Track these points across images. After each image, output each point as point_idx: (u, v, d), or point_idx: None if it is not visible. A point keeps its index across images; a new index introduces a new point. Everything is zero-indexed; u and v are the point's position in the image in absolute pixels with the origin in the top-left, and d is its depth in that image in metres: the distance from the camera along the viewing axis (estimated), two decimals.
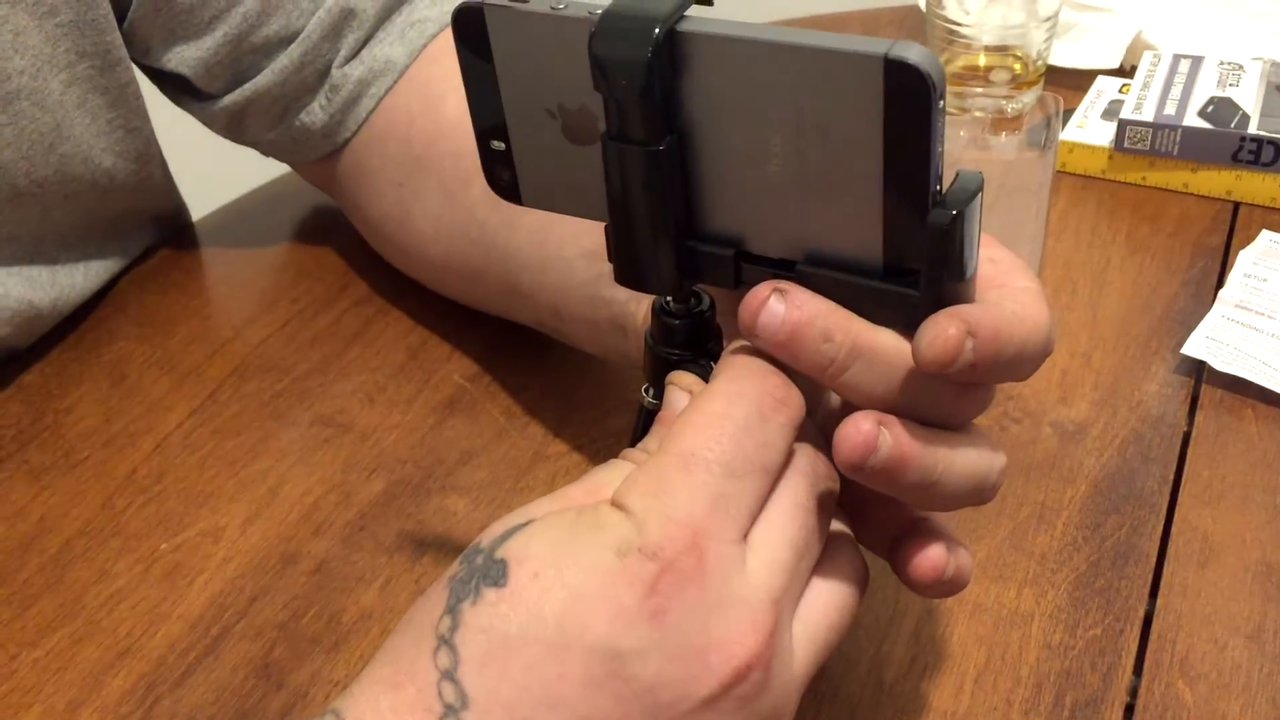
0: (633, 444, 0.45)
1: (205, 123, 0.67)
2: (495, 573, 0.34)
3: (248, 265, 0.71)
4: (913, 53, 0.32)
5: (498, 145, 0.40)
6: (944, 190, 0.34)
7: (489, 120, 0.40)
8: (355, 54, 0.64)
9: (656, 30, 0.34)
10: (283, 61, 0.62)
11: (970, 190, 0.34)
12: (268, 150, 0.68)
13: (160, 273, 0.71)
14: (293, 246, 0.72)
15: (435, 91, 0.63)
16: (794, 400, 0.37)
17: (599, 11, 0.35)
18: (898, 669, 0.49)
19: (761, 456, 0.36)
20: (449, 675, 0.34)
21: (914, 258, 0.35)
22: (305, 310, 0.68)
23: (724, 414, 0.36)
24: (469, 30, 0.38)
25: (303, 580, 0.53)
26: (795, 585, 0.37)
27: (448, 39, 0.64)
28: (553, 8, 0.36)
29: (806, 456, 0.38)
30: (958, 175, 0.35)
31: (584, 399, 0.61)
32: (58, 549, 0.55)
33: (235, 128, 0.66)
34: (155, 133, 0.67)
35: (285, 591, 0.52)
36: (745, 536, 0.36)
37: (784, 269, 0.37)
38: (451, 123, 0.62)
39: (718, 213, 0.38)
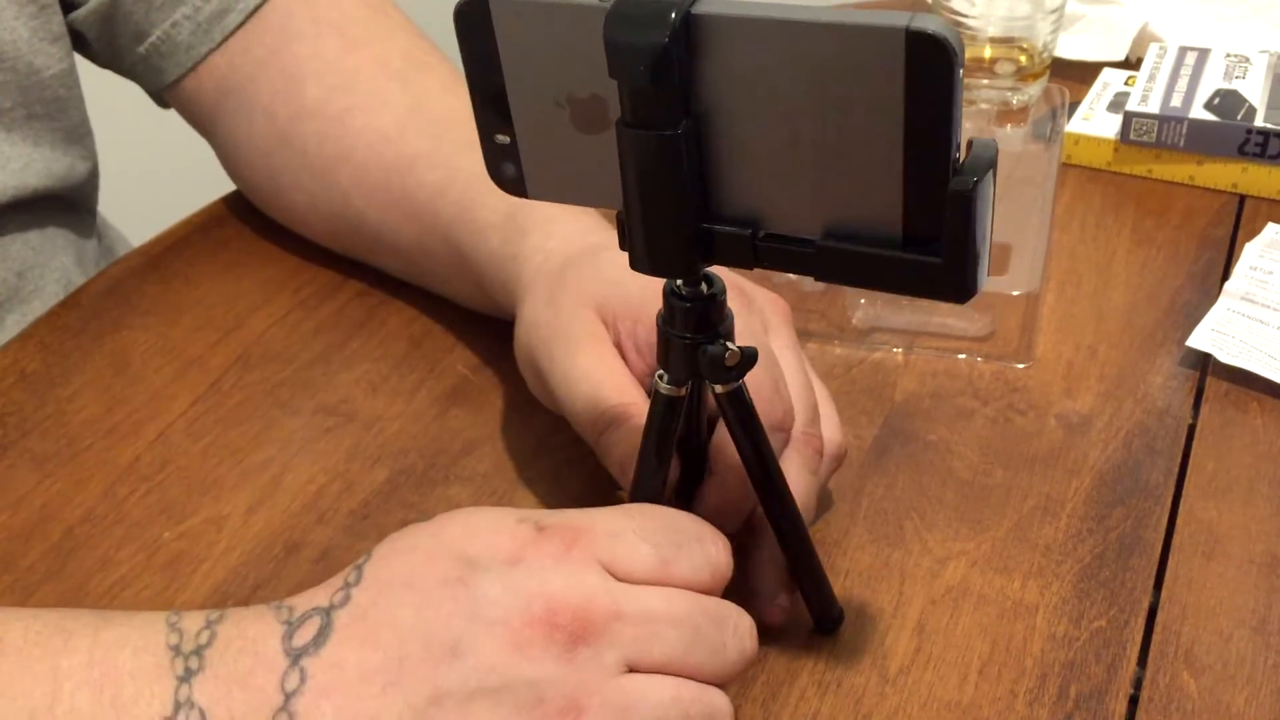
0: (648, 430, 0.45)
1: (81, 48, 0.69)
2: (421, 522, 0.42)
3: (251, 254, 0.71)
4: (932, 24, 0.32)
5: (502, 139, 0.40)
6: (962, 159, 0.34)
7: (493, 114, 0.39)
8: None
9: (673, 14, 0.34)
10: None
11: (988, 158, 0.35)
12: (137, 71, 0.69)
13: (163, 262, 0.71)
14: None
15: (296, 71, 0.66)
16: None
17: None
18: (902, 660, 0.49)
19: (668, 557, 0.41)
20: (358, 567, 0.41)
21: (933, 226, 0.35)
22: (308, 299, 0.68)
23: (681, 514, 0.43)
24: (472, 24, 0.37)
25: (306, 569, 0.53)
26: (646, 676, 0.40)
27: None
28: None
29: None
30: (972, 143, 0.35)
31: None
32: (60, 536, 0.55)
33: (106, 39, 0.68)
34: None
35: (288, 580, 0.52)
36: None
37: (803, 246, 0.37)
38: (311, 109, 0.65)
39: (734, 193, 0.38)
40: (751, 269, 0.38)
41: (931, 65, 0.32)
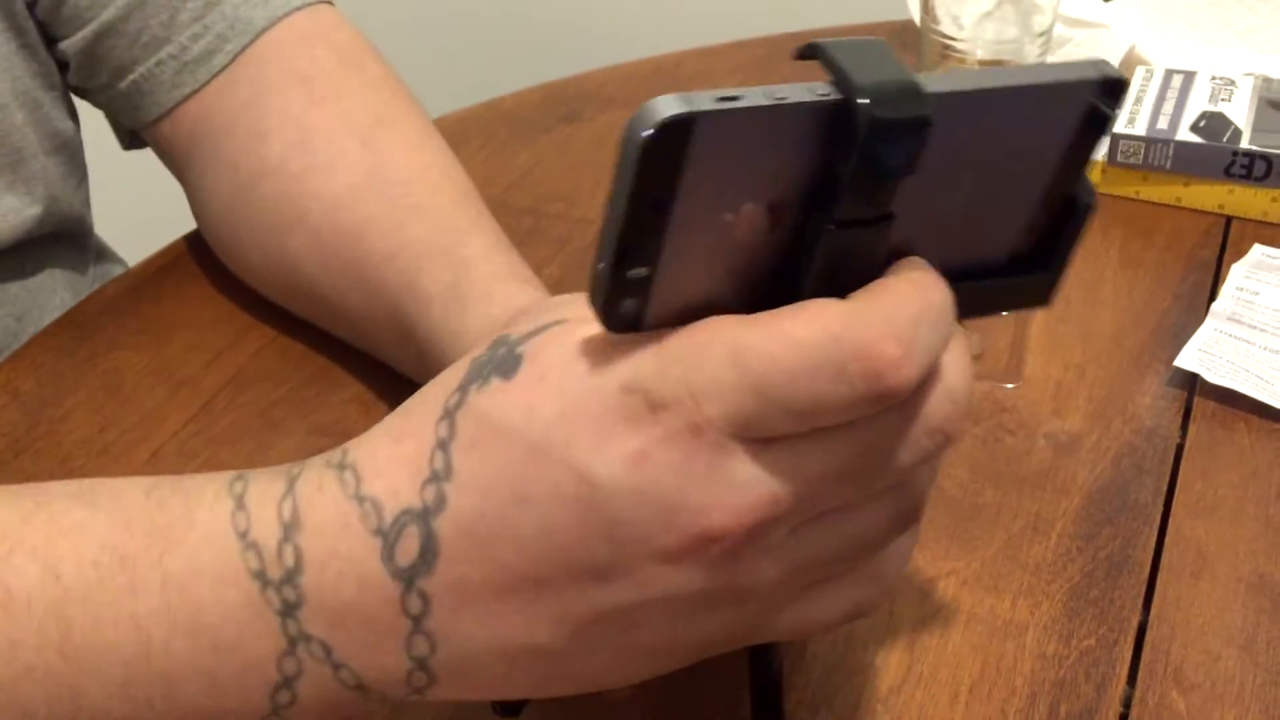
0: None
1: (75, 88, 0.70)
2: (508, 366, 0.35)
3: None
4: (1111, 68, 0.33)
5: (637, 272, 0.32)
6: None
7: (640, 246, 0.32)
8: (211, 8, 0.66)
9: (926, 91, 0.31)
10: None
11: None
12: (115, 106, 0.70)
13: (156, 282, 0.71)
14: None
15: (262, 126, 0.64)
16: (898, 384, 0.32)
17: (828, 93, 0.31)
18: (893, 679, 0.49)
19: (807, 412, 0.32)
20: (443, 445, 0.35)
21: (1044, 242, 0.36)
22: (302, 320, 0.68)
23: (806, 344, 0.32)
24: (663, 151, 0.30)
25: None
26: (815, 524, 0.35)
27: (290, 25, 0.67)
28: (776, 98, 0.31)
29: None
30: None
31: None
32: None
33: (87, 71, 0.68)
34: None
35: None
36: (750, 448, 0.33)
37: None
38: (273, 166, 0.63)
39: None
40: None
41: (1109, 105, 0.33)
